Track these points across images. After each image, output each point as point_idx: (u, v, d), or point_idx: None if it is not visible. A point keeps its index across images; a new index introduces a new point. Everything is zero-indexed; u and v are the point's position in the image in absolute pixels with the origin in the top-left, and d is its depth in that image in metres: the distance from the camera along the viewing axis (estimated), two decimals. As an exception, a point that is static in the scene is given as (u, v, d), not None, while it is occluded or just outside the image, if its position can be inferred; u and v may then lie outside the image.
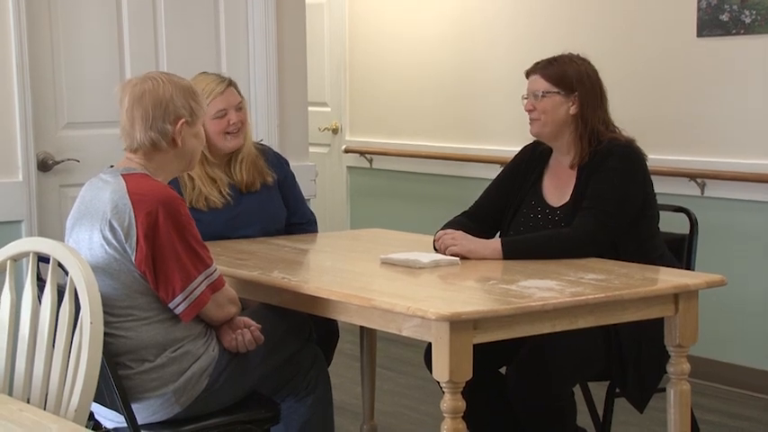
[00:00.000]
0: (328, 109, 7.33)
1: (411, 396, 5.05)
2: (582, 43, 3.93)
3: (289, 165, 4.25)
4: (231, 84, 3.95)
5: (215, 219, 3.86)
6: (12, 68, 4.35)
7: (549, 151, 3.78)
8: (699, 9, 5.22)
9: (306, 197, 4.67)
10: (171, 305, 3.02)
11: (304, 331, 3.49)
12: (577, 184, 3.64)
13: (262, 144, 4.27)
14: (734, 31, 5.11)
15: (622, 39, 5.50)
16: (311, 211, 4.30)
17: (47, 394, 2.57)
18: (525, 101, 3.71)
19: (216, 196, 3.88)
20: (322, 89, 7.16)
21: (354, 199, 7.25)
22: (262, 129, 4.94)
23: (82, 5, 4.58)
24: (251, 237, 3.98)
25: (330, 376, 3.50)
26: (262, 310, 3.37)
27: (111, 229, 2.97)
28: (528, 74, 3.73)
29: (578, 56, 3.72)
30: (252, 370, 3.20)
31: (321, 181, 5.52)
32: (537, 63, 3.72)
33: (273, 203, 4.08)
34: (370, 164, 7.08)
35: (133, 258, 2.97)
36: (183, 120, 3.09)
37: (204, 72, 4.05)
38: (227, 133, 3.88)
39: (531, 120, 3.69)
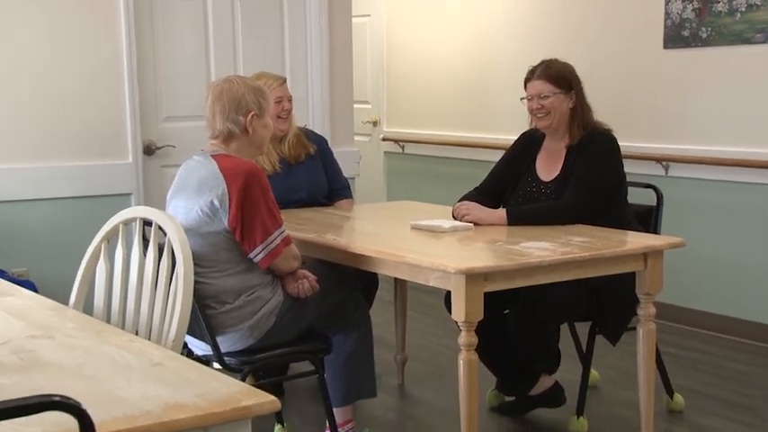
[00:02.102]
0: (369, 106, 7.32)
1: (434, 333, 5.06)
2: (572, 53, 3.90)
3: (327, 142, 4.27)
4: (285, 81, 3.99)
5: (273, 186, 3.88)
6: (123, 74, 4.38)
7: (542, 137, 3.77)
8: (665, 26, 5.18)
9: (351, 176, 4.67)
10: (252, 255, 3.03)
11: (350, 281, 3.50)
12: (566, 163, 3.63)
13: (305, 128, 4.29)
14: (693, 44, 5.08)
15: (605, 50, 5.46)
16: (346, 179, 4.29)
17: (150, 328, 2.60)
18: (528, 102, 3.66)
19: (266, 164, 3.89)
20: (364, 89, 7.16)
21: (390, 178, 7.25)
22: (317, 121, 4.95)
23: (177, 24, 4.61)
24: (301, 200, 4.00)
25: (371, 317, 3.51)
26: (317, 264, 3.38)
27: (208, 198, 2.99)
28: (528, 79, 3.68)
29: (559, 59, 3.70)
30: (309, 311, 3.22)
31: (363, 163, 5.52)
32: (533, 69, 3.67)
33: (317, 174, 4.09)
34: (403, 150, 7.07)
35: (225, 219, 2.98)
36: (252, 113, 3.10)
37: (264, 71, 4.07)
38: (279, 117, 3.90)
39: (538, 117, 3.65)
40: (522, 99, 3.69)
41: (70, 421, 1.45)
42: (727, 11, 4.92)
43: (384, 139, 7.20)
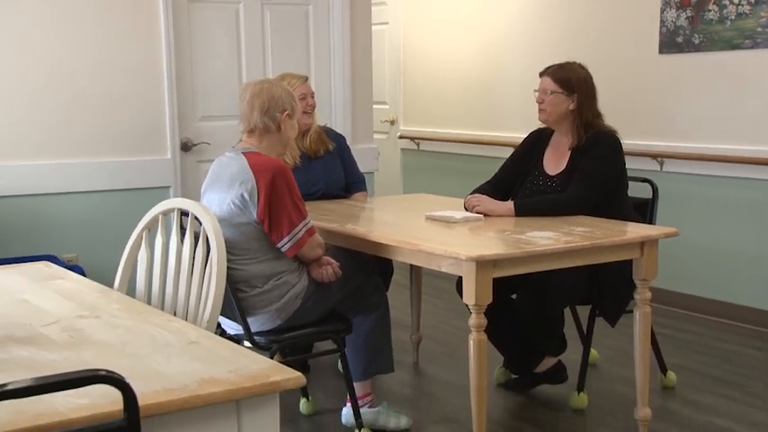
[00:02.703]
0: (387, 106, 7.31)
1: (446, 315, 5.07)
2: (575, 58, 3.87)
3: (345, 140, 4.23)
4: (307, 79, 3.96)
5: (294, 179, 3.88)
6: (163, 78, 4.40)
7: (549, 135, 3.75)
8: (660, 33, 5.15)
9: (370, 171, 4.64)
10: (279, 245, 3.04)
11: (369, 267, 3.49)
12: (571, 159, 3.61)
13: (326, 126, 4.27)
14: (686, 50, 5.05)
15: (605, 54, 5.43)
16: (362, 174, 4.24)
17: (187, 309, 2.60)
18: (537, 94, 3.66)
19: (288, 158, 3.87)
20: (383, 91, 7.15)
21: (406, 172, 7.24)
22: (339, 120, 4.95)
23: (212, 31, 4.61)
24: (319, 191, 3.97)
25: (388, 300, 3.51)
26: (339, 251, 3.38)
27: (239, 192, 3.00)
28: (541, 74, 3.67)
29: (580, 64, 3.66)
30: (332, 295, 3.22)
31: (382, 159, 5.52)
32: (549, 67, 3.66)
33: (335, 168, 4.07)
34: (418, 146, 7.06)
35: (254, 211, 2.99)
36: (286, 111, 3.11)
37: (287, 71, 4.05)
38: (305, 112, 3.87)
39: (539, 110, 3.65)
40: (534, 91, 3.68)
41: (115, 393, 1.46)
42: (718, 19, 4.88)
43: (401, 137, 7.19)
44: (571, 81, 3.59)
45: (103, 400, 1.53)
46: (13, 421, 1.46)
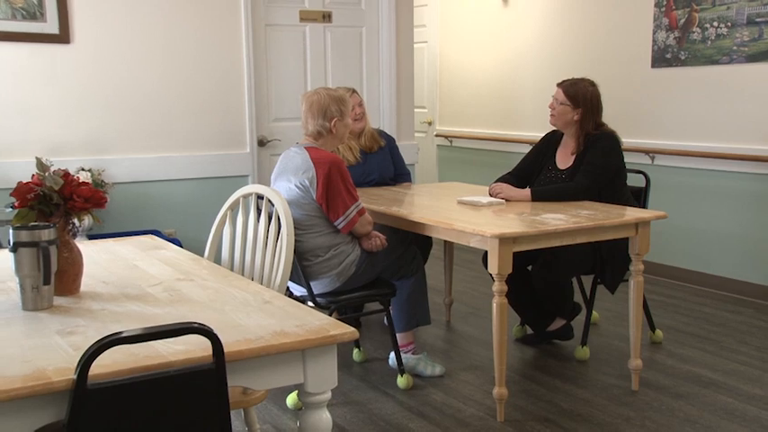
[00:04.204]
0: (426, 110, 7.26)
1: (474, 282, 5.04)
2: (580, 71, 3.81)
3: (395, 141, 4.21)
4: (355, 91, 3.91)
5: (354, 171, 3.86)
6: (244, 87, 4.40)
7: (561, 136, 3.69)
8: (652, 50, 5.05)
9: (411, 163, 4.59)
10: (335, 223, 3.05)
11: (407, 240, 3.48)
12: (578, 156, 3.55)
13: (379, 129, 4.24)
14: (674, 64, 4.94)
15: (606, 68, 5.34)
16: (407, 168, 4.23)
17: (262, 275, 2.62)
18: (551, 100, 3.60)
19: (350, 157, 3.87)
20: (422, 97, 7.11)
21: (441, 164, 7.20)
22: (386, 122, 4.92)
23: (283, 49, 4.61)
24: (373, 180, 3.97)
25: (426, 269, 3.49)
26: (383, 228, 3.37)
27: (302, 179, 3.01)
28: (557, 84, 3.61)
29: (591, 81, 3.57)
30: (378, 263, 3.22)
31: (421, 154, 5.49)
32: (565, 80, 3.59)
33: (386, 162, 4.05)
34: (451, 143, 7.02)
35: (314, 195, 3.00)
36: (335, 119, 3.11)
37: (339, 87, 4.03)
38: (355, 119, 3.85)
39: (551, 114, 3.60)
40: (552, 96, 3.62)
41: (205, 342, 1.47)
42: (701, 39, 4.77)
43: (437, 135, 7.13)
44: (578, 97, 3.52)
45: (196, 347, 1.54)
46: (126, 361, 1.49)
